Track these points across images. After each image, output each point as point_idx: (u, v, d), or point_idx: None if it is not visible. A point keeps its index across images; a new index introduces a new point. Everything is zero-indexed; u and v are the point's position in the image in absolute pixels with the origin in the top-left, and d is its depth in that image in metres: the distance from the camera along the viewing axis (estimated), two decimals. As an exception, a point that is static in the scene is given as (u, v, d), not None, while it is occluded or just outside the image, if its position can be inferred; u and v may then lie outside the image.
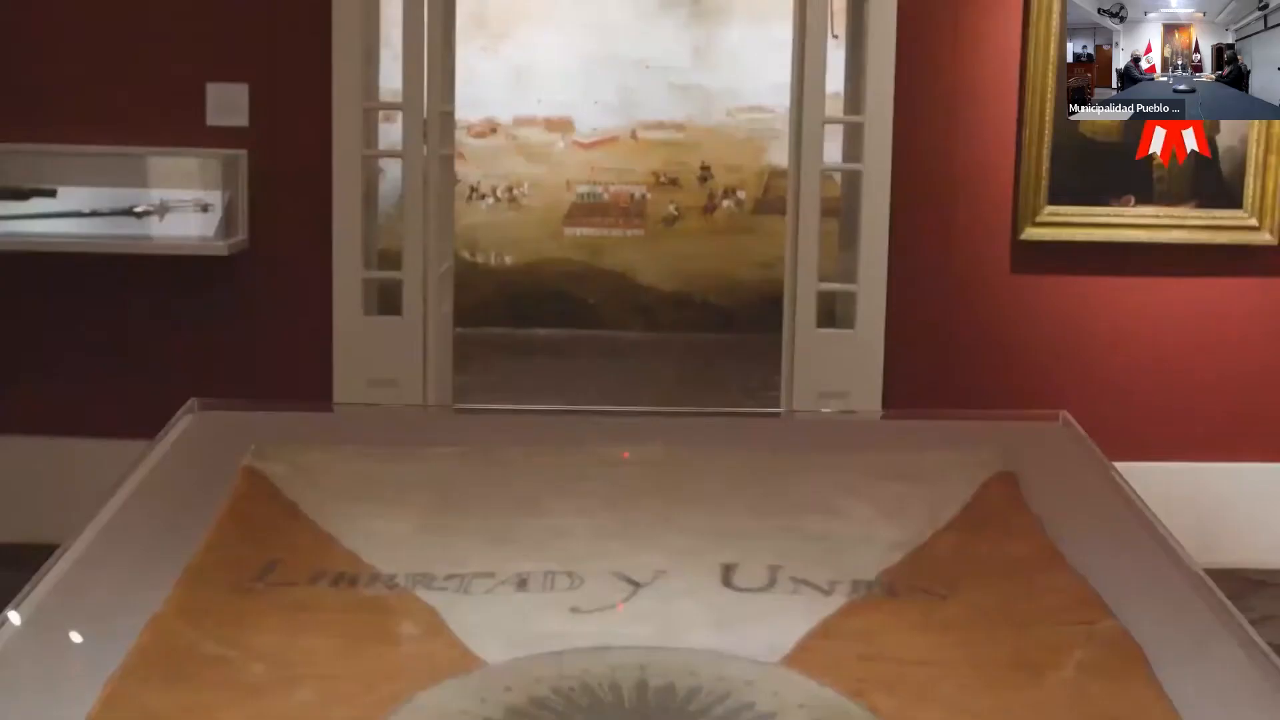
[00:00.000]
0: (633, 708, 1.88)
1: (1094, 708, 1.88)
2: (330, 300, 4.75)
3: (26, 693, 1.93)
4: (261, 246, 4.77)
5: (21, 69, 4.75)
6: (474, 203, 8.40)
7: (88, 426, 4.77)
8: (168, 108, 4.74)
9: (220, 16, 4.73)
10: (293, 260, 4.80)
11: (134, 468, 2.62)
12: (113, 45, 4.73)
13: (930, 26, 4.74)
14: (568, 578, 2.24)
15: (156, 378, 4.67)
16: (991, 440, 2.79)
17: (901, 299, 4.79)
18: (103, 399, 4.80)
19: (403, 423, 3.46)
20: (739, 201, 8.50)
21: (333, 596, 2.19)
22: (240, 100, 4.73)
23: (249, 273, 4.79)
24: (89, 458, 4.33)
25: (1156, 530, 2.42)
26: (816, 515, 2.50)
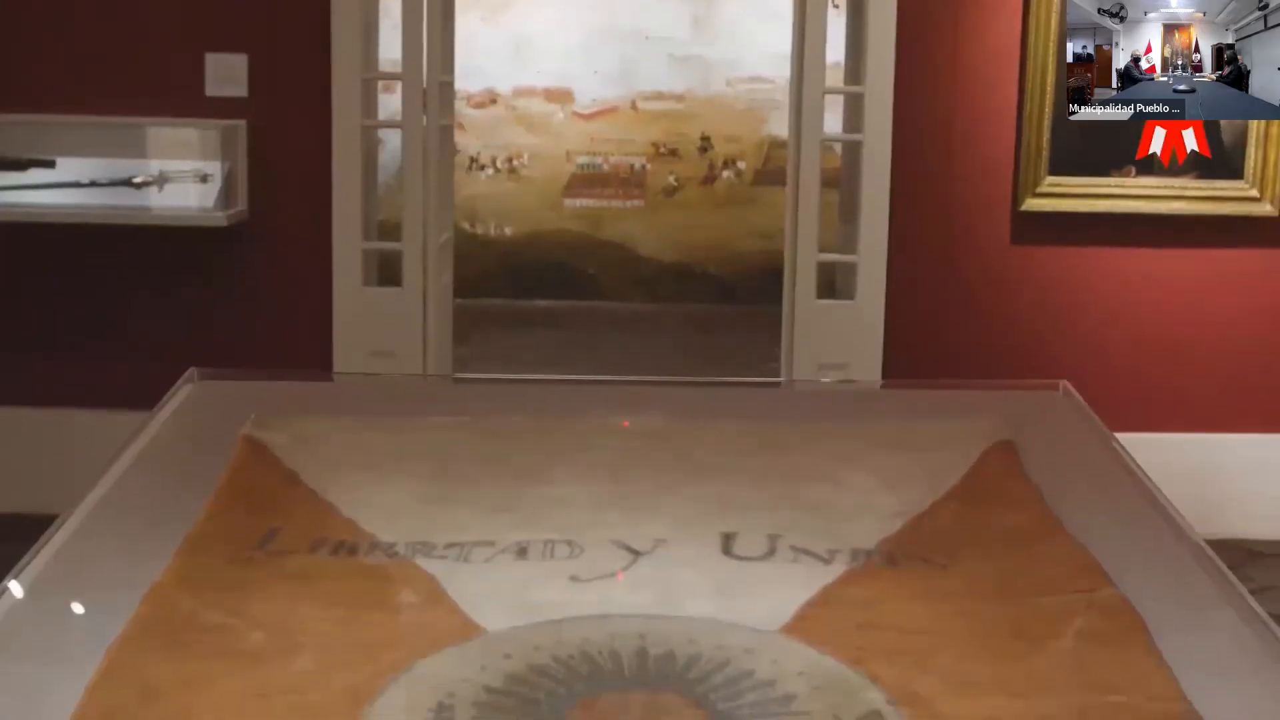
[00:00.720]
0: (633, 676, 1.88)
1: (1093, 676, 1.88)
2: (330, 271, 4.75)
3: (27, 662, 1.93)
4: (261, 217, 4.76)
5: (20, 39, 4.73)
6: (473, 174, 8.39)
7: (86, 397, 4.77)
8: (167, 78, 4.72)
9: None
10: (292, 231, 4.79)
11: (133, 437, 2.62)
12: (112, 15, 4.72)
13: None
14: (567, 546, 2.25)
15: (155, 349, 4.67)
16: (991, 410, 2.78)
17: (902, 270, 4.79)
18: (101, 370, 4.80)
19: (403, 392, 3.45)
20: (739, 172, 8.48)
21: (332, 565, 2.19)
22: (239, 70, 4.72)
23: (248, 244, 4.78)
24: (88, 429, 4.34)
25: (1156, 500, 2.42)
26: (816, 484, 2.50)
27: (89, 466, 2.48)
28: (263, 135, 4.74)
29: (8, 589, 2.05)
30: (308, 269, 4.77)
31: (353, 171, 4.70)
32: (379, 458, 2.58)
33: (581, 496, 2.44)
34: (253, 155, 4.74)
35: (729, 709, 1.80)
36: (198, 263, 4.81)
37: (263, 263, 4.81)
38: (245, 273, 4.83)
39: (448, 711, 1.77)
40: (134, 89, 4.72)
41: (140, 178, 4.72)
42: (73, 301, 4.84)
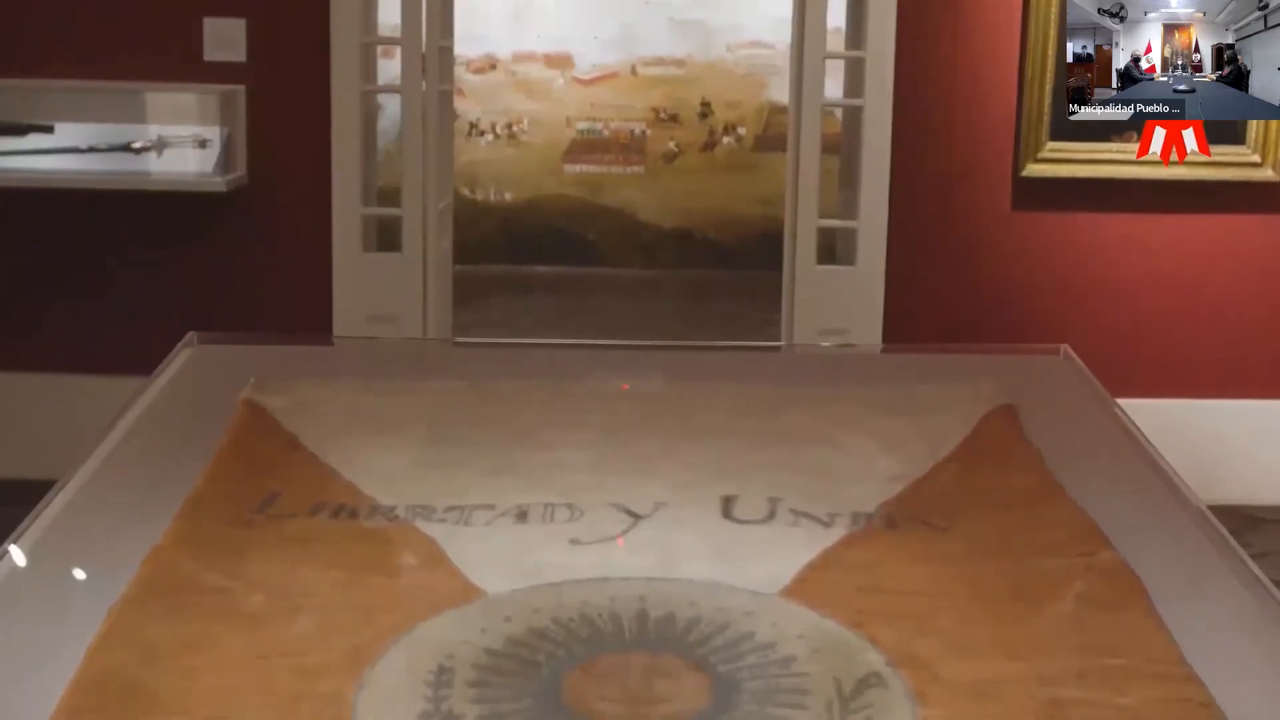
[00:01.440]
0: (633, 638, 1.89)
1: (1093, 639, 1.88)
2: (329, 237, 4.74)
3: (28, 624, 1.93)
4: (260, 183, 4.75)
5: (19, 4, 4.71)
6: (473, 139, 8.37)
7: (85, 363, 4.77)
8: (165, 42, 4.71)
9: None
10: (291, 197, 4.78)
11: (132, 401, 2.61)
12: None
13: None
14: (567, 509, 2.25)
15: (155, 314, 4.66)
16: (992, 374, 2.78)
17: (902, 236, 4.78)
18: (100, 335, 4.80)
19: (402, 356, 3.45)
20: (739, 138, 8.46)
21: (333, 528, 2.19)
22: (238, 35, 4.70)
23: (247, 209, 4.77)
24: (87, 394, 4.34)
25: (1157, 464, 2.42)
26: (816, 448, 2.50)
27: (88, 431, 2.48)
28: (261, 100, 4.72)
29: (8, 552, 2.05)
30: (307, 234, 4.76)
31: (352, 137, 4.69)
32: (379, 421, 2.58)
33: (581, 460, 2.44)
34: (251, 120, 4.73)
35: (729, 671, 1.80)
36: (197, 228, 4.81)
37: (262, 228, 4.80)
38: (244, 238, 4.82)
39: (448, 674, 1.78)
40: (133, 54, 4.70)
41: (139, 143, 4.71)
42: (71, 267, 4.83)
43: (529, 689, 1.75)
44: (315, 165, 4.71)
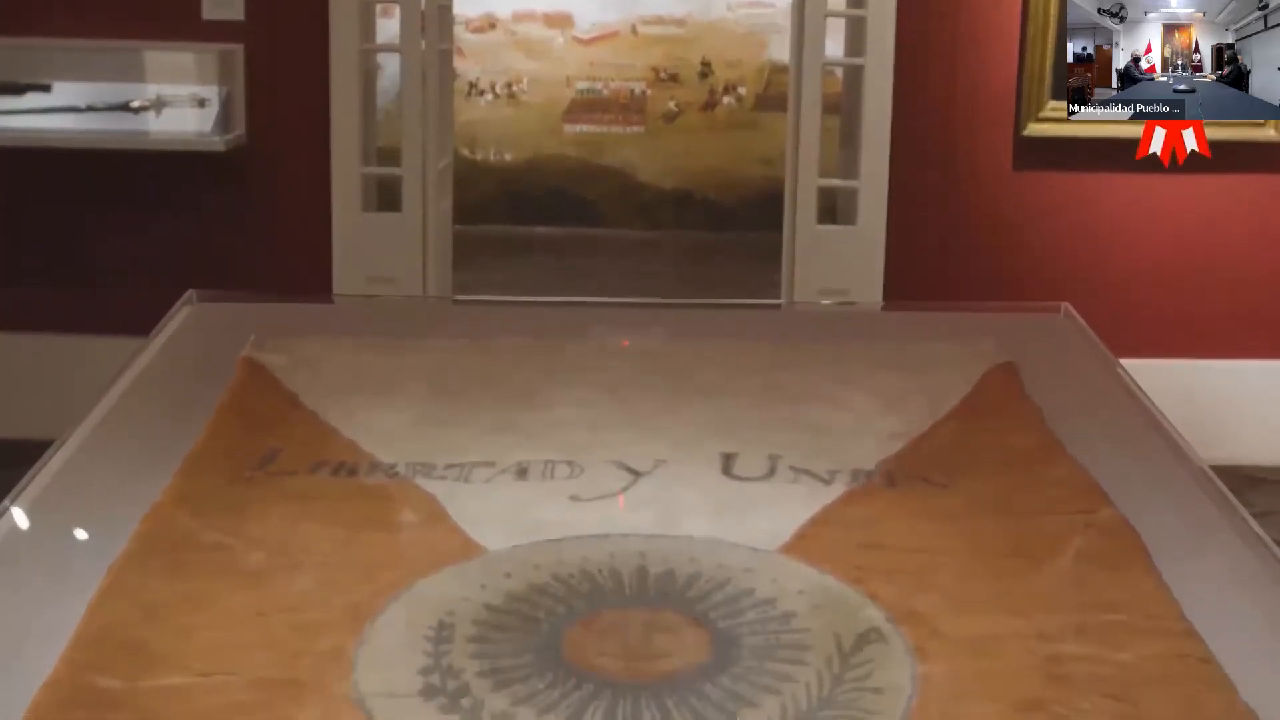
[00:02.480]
0: (633, 594, 1.89)
1: (1093, 595, 1.89)
2: (329, 197, 4.73)
3: (28, 581, 1.93)
4: (259, 142, 4.74)
5: (14, -39, 4.69)
6: (473, 99, 8.34)
7: (84, 323, 4.76)
8: (163, 1, 4.68)
9: (215, -93, 4.67)
10: (291, 156, 4.77)
11: (132, 360, 2.61)
12: (107, -63, 4.68)
13: (934, -83, 4.68)
14: (568, 467, 2.25)
15: (153, 274, 4.66)
16: (993, 332, 2.77)
17: (903, 195, 4.76)
18: (99, 296, 4.79)
19: (402, 314, 3.44)
20: (739, 97, 8.43)
21: (333, 485, 2.19)
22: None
23: (246, 169, 4.76)
24: (85, 354, 4.34)
25: (1158, 422, 2.41)
26: (817, 405, 2.50)
27: (88, 391, 2.48)
28: (260, 59, 4.71)
29: (9, 509, 2.05)
30: (306, 194, 4.75)
31: (351, 96, 4.67)
32: (379, 379, 2.58)
33: (582, 417, 2.44)
34: (250, 80, 4.71)
35: (729, 627, 1.80)
36: (196, 188, 4.79)
37: (261, 188, 4.79)
38: (243, 198, 4.81)
39: (448, 630, 1.78)
40: (130, 12, 4.68)
41: (137, 102, 4.69)
42: (69, 227, 4.82)
43: (529, 644, 1.76)
44: (314, 125, 4.69)
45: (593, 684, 1.67)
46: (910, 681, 1.68)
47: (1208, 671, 1.70)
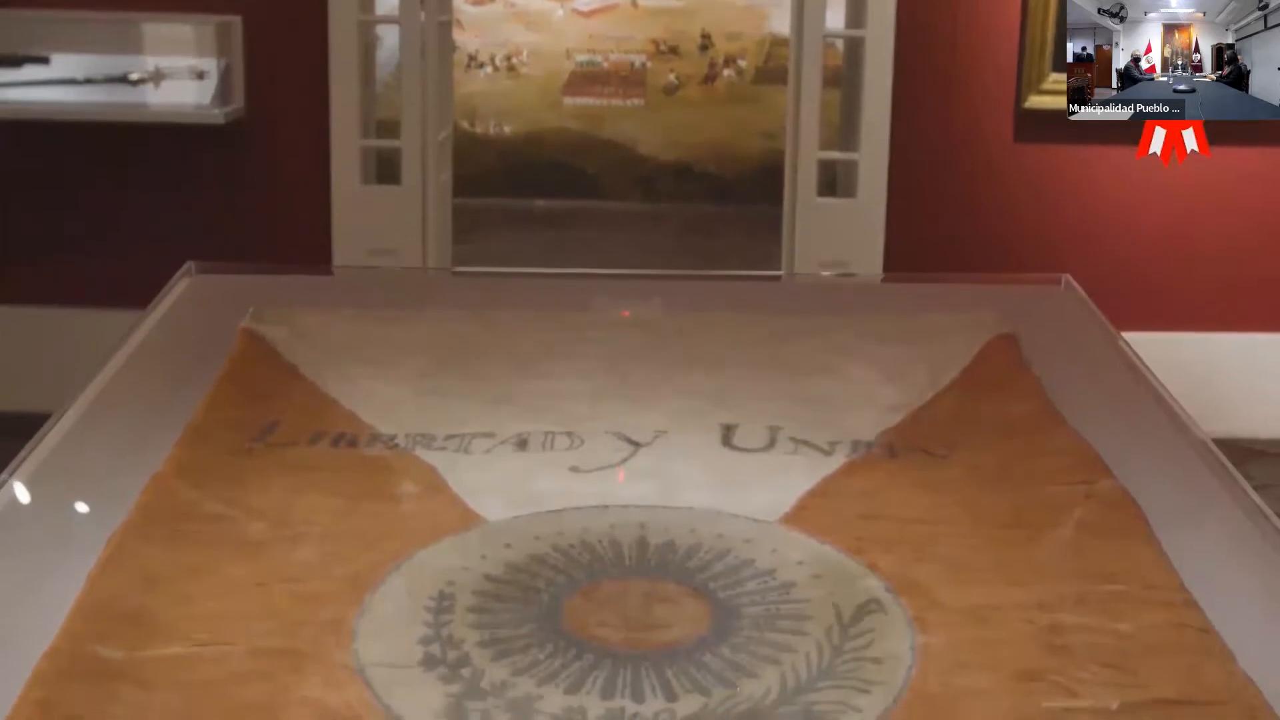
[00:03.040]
0: (633, 564, 1.89)
1: (1092, 565, 1.88)
2: (328, 169, 4.72)
3: (28, 551, 1.93)
4: (258, 115, 4.73)
5: (11, -68, 4.68)
6: (472, 72, 8.31)
7: (82, 296, 4.75)
8: (161, -28, 4.68)
9: (213, -123, 4.66)
10: (290, 129, 4.76)
11: (131, 331, 2.61)
12: (104, -92, 4.66)
13: (936, -113, 4.66)
14: (567, 438, 2.25)
15: (152, 247, 4.62)
16: (993, 303, 2.77)
17: (903, 168, 4.76)
18: (97, 269, 4.79)
19: (402, 286, 3.44)
20: (740, 70, 8.40)
21: (333, 456, 2.19)
22: (234, -35, 4.67)
23: (245, 142, 4.75)
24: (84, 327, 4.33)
25: (1158, 393, 2.42)
26: (817, 376, 2.50)
27: (86, 364, 2.48)
28: (259, 31, 4.69)
29: (9, 480, 2.05)
30: (306, 167, 4.74)
31: (350, 68, 4.66)
32: (379, 350, 2.57)
33: (581, 388, 2.44)
34: (249, 52, 4.70)
35: (729, 597, 1.80)
36: (194, 161, 4.79)
37: (260, 161, 4.78)
38: (243, 171, 4.80)
39: (448, 600, 1.78)
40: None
41: (136, 74, 4.68)
42: (68, 200, 4.81)
43: (529, 615, 1.76)
44: (313, 97, 4.68)
45: (592, 654, 1.68)
46: (910, 651, 1.69)
47: (1207, 641, 1.70)
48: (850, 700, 1.59)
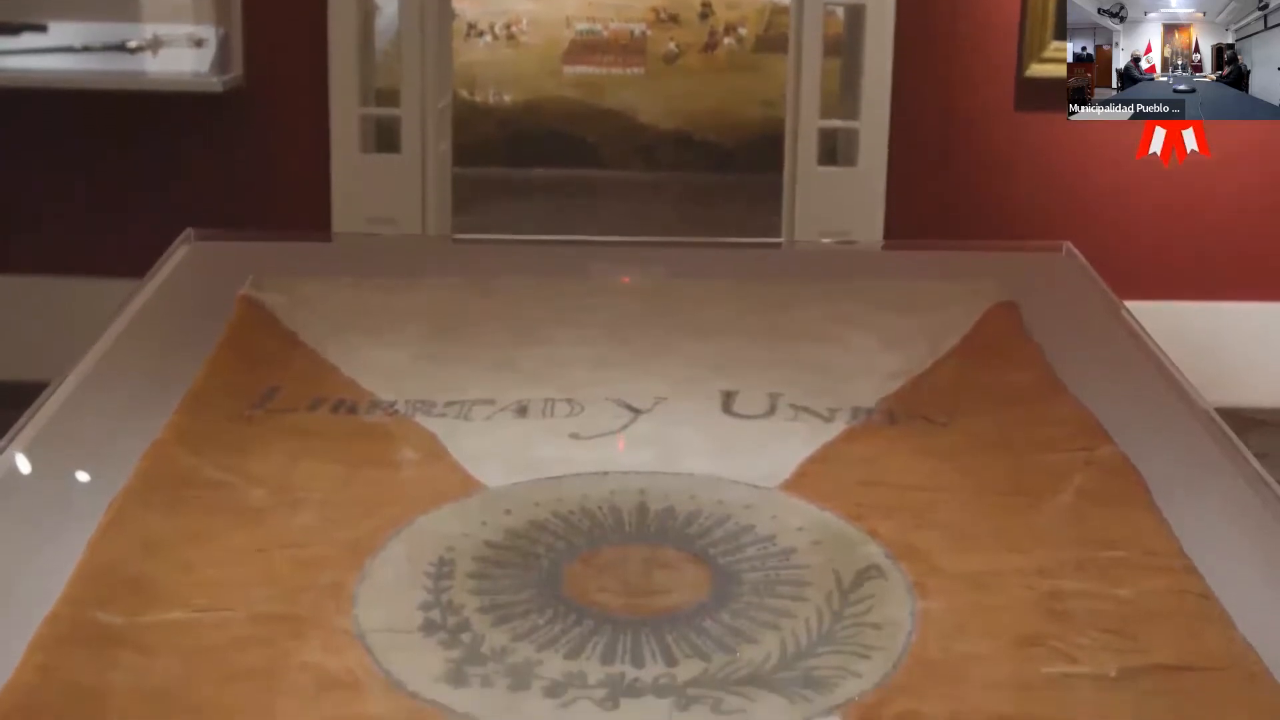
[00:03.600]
0: (633, 531, 1.89)
1: (1092, 532, 1.89)
2: (327, 138, 4.70)
3: (28, 517, 1.93)
4: (257, 83, 4.71)
5: (8, -101, 4.65)
6: (471, 40, 8.28)
7: (80, 265, 4.74)
8: (158, -61, 4.65)
9: None
10: (288, 97, 4.74)
11: (130, 299, 2.60)
12: (101, -126, 4.63)
13: None
14: (568, 404, 2.25)
15: (150, 216, 4.62)
16: (994, 270, 2.77)
17: (904, 136, 4.74)
18: (96, 238, 4.78)
19: (402, 253, 3.43)
20: (740, 39, 8.37)
21: (333, 423, 2.19)
22: (233, -69, 4.65)
23: (244, 110, 4.73)
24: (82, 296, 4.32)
25: (1159, 361, 2.41)
26: (817, 344, 2.50)
27: (85, 333, 2.47)
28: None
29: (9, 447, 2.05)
30: (305, 135, 4.73)
31: (349, 36, 4.64)
32: (379, 317, 2.57)
33: (581, 355, 2.43)
34: (248, 19, 4.68)
35: (729, 563, 1.81)
36: (193, 129, 4.77)
37: (259, 130, 4.77)
38: (241, 140, 4.78)
39: (448, 565, 1.79)
40: (127, -50, 4.64)
41: (134, 42, 4.66)
42: (66, 168, 4.80)
43: (529, 580, 1.76)
44: (312, 65, 4.66)
45: (592, 620, 1.68)
46: (909, 617, 1.69)
47: (1206, 607, 1.71)
48: (850, 665, 1.60)
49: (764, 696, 1.54)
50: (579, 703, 1.53)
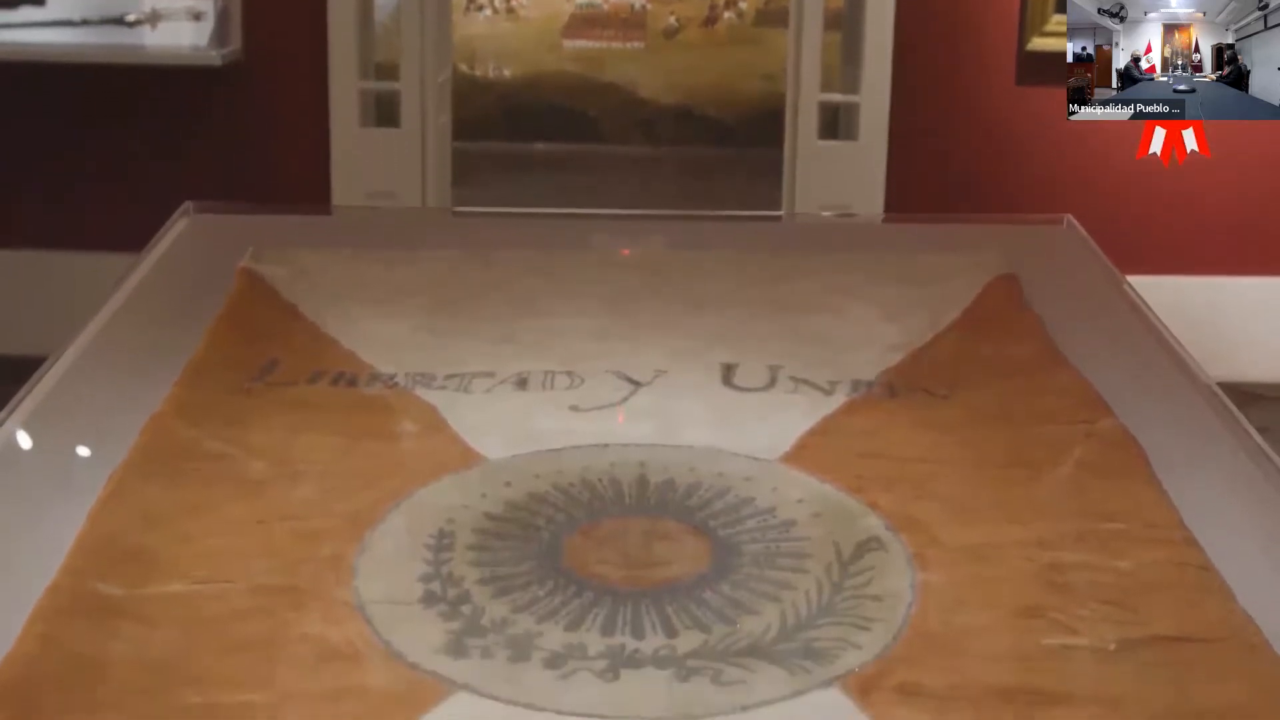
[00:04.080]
0: (633, 503, 1.89)
1: (1093, 504, 1.89)
2: (327, 112, 4.69)
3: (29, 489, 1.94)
4: (256, 57, 4.69)
5: None
6: (471, 14, 8.25)
7: (80, 239, 4.74)
8: (157, -88, 4.63)
9: None
10: (288, 71, 4.72)
11: (129, 272, 2.60)
12: None
13: None
14: (568, 377, 2.24)
15: (149, 191, 4.60)
16: (995, 243, 2.77)
17: (905, 110, 4.73)
18: (94, 212, 4.77)
19: (402, 226, 3.43)
20: (740, 13, 8.34)
21: (332, 396, 2.19)
22: (231, -97, 4.63)
23: (243, 83, 4.72)
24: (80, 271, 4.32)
25: (1160, 333, 2.41)
26: (817, 316, 2.49)
27: (83, 307, 2.47)
28: (256, -29, 4.66)
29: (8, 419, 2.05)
30: (304, 109, 4.71)
31: (348, 9, 4.62)
32: (378, 290, 2.57)
33: (581, 327, 2.43)
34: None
35: (729, 535, 1.81)
36: (191, 103, 4.75)
37: (258, 104, 4.75)
38: (240, 114, 4.77)
39: (448, 537, 1.79)
40: (124, -77, 4.63)
41: (132, 16, 4.64)
42: (64, 142, 4.78)
43: (529, 552, 1.76)
44: (311, 39, 4.64)
45: (593, 591, 1.68)
46: (910, 589, 1.69)
47: (1206, 579, 1.71)
48: (850, 637, 1.60)
49: (764, 668, 1.54)
50: (579, 674, 1.53)
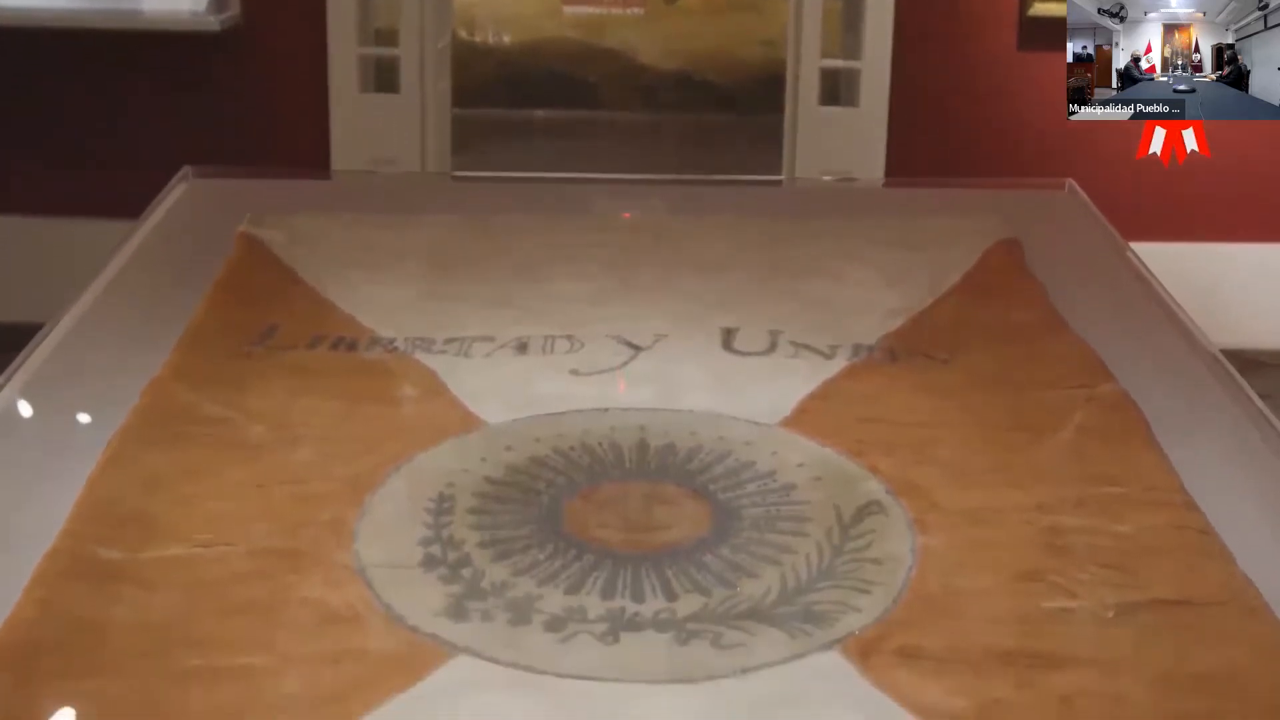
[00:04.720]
0: (633, 467, 1.89)
1: (1093, 468, 1.89)
2: (325, 77, 4.67)
3: (28, 454, 1.94)
4: (254, 22, 4.67)
5: None
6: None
7: (78, 206, 4.72)
8: (154, -124, 4.61)
9: None
10: (286, 36, 4.70)
11: (128, 237, 2.59)
12: None
13: None
14: (568, 341, 2.24)
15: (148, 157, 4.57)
16: (996, 208, 2.76)
17: (906, 76, 4.70)
18: (94, 179, 4.75)
19: (401, 191, 3.42)
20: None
21: (332, 360, 2.18)
22: None
23: (242, 49, 4.69)
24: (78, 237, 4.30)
25: (1161, 298, 2.41)
26: (818, 281, 2.49)
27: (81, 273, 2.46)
28: (254, -65, 4.64)
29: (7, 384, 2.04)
30: (303, 75, 4.69)
31: (347, -27, 4.60)
32: (378, 254, 2.56)
33: (582, 291, 2.43)
34: (245, -43, 4.64)
35: (729, 499, 1.81)
36: (190, 69, 4.73)
37: (257, 69, 4.73)
38: (239, 79, 4.75)
39: (449, 501, 1.79)
40: (122, -113, 4.60)
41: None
42: (62, 108, 4.77)
43: (529, 516, 1.76)
44: (310, 4, 4.61)
45: (593, 555, 1.68)
46: (910, 553, 1.69)
47: (1206, 542, 1.71)
48: (850, 600, 1.60)
49: (764, 631, 1.54)
50: (579, 637, 1.53)
